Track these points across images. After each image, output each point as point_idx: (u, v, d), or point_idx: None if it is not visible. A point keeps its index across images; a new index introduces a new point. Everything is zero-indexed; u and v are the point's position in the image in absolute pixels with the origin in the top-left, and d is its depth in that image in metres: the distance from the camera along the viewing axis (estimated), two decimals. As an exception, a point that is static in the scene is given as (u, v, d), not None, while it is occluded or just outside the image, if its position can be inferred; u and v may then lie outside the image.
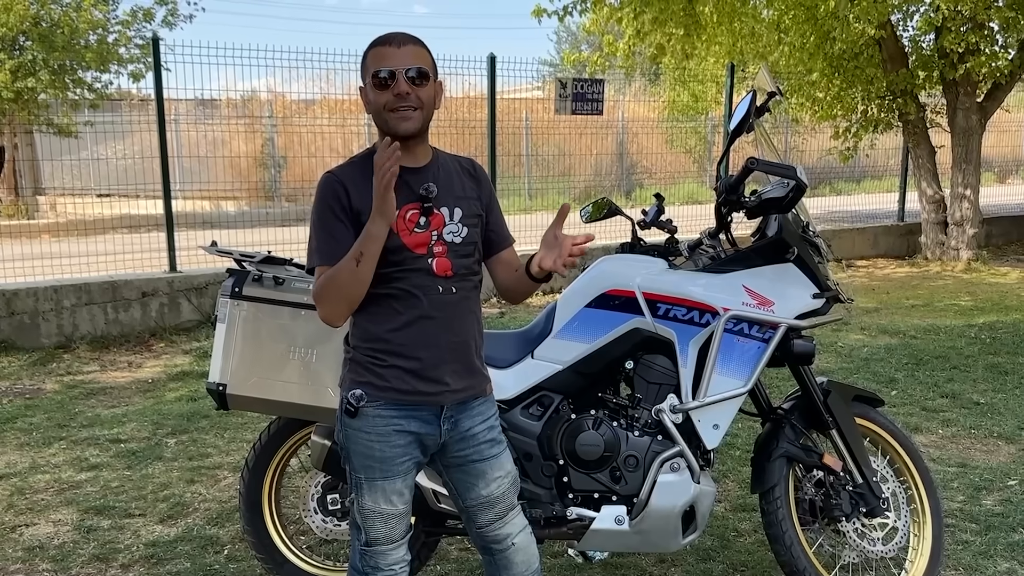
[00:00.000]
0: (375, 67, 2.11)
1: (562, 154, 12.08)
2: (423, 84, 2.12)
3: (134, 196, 10.56)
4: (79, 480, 4.32)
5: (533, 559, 2.41)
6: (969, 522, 3.74)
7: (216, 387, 2.88)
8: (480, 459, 2.31)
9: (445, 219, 2.20)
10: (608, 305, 2.92)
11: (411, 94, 2.10)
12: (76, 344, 6.84)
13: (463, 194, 2.25)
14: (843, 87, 10.79)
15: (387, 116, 2.12)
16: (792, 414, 3.08)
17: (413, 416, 2.21)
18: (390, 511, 2.24)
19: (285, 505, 3.50)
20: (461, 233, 2.21)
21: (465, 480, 2.33)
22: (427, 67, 2.13)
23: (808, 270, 2.96)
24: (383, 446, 2.20)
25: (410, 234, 2.15)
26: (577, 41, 35.57)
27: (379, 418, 2.19)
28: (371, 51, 2.14)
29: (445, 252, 2.18)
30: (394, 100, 2.10)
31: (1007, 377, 5.83)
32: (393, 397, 2.19)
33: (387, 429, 2.19)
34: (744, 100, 2.94)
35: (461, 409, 2.27)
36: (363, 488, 2.24)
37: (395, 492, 2.23)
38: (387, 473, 2.21)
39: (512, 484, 2.37)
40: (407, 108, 2.11)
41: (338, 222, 2.13)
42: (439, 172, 2.23)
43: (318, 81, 10.70)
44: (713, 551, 3.50)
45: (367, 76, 2.14)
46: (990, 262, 10.70)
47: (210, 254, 3.07)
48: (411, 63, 2.11)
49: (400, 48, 2.11)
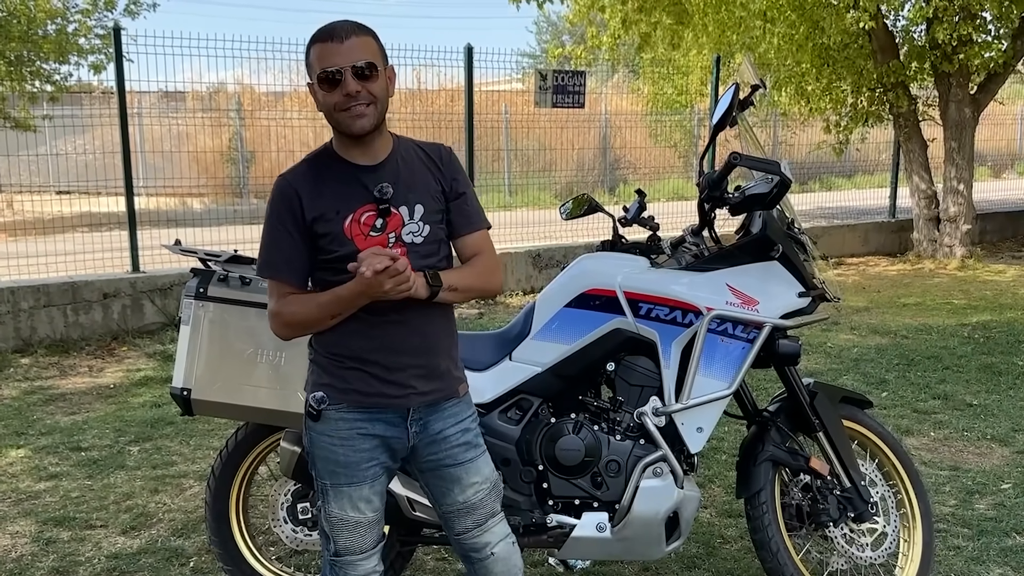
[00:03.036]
0: (320, 66, 2.01)
1: (543, 148, 11.98)
2: (373, 78, 2.03)
3: (95, 193, 10.31)
4: (38, 490, 4.20)
5: (515, 570, 2.34)
6: (961, 527, 3.70)
7: (180, 392, 2.82)
8: (454, 463, 2.23)
9: (404, 218, 2.11)
10: (588, 305, 2.87)
11: (361, 91, 2.01)
12: (34, 348, 6.65)
13: (424, 188, 2.15)
14: (833, 79, 10.73)
15: (339, 116, 2.04)
16: (778, 417, 3.05)
17: (378, 419, 2.15)
18: (358, 519, 2.17)
19: (253, 515, 3.47)
20: (422, 232, 2.13)
21: (440, 485, 2.26)
22: (375, 59, 2.04)
23: (793, 268, 2.93)
24: (347, 450, 2.14)
25: (365, 238, 2.07)
26: (558, 32, 35.48)
27: (342, 421, 2.14)
28: (313, 47, 2.04)
29: (405, 254, 2.07)
30: (344, 100, 2.01)
31: (1001, 378, 5.80)
32: (356, 400, 2.14)
33: (350, 432, 2.14)
34: (727, 93, 2.91)
35: (430, 411, 2.20)
36: (329, 495, 2.18)
37: (362, 499, 2.16)
38: (352, 479, 2.15)
39: (492, 490, 2.31)
40: (359, 105, 2.02)
41: (286, 234, 2.09)
42: (398, 166, 2.14)
43: (288, 73, 10.51)
44: (698, 558, 3.45)
45: (313, 75, 2.05)
46: (984, 259, 10.64)
47: (174, 253, 3.00)
48: (358, 57, 2.01)
49: (344, 43, 2.00)
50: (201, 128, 11.67)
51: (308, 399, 2.17)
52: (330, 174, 2.11)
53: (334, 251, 2.07)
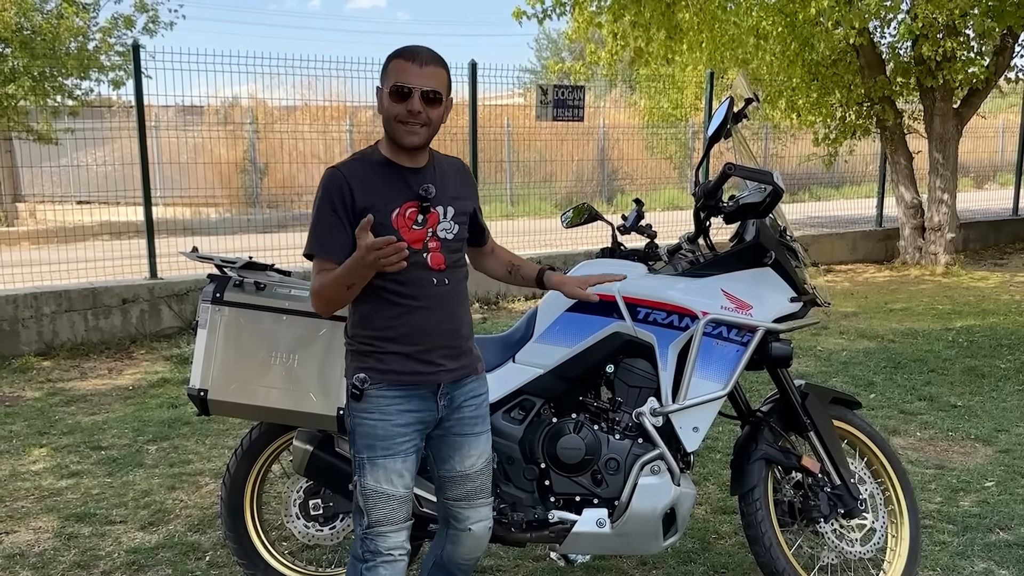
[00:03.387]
0: (395, 79, 2.26)
1: (544, 160, 12.12)
2: (436, 105, 2.29)
3: (114, 203, 10.49)
4: (60, 487, 4.30)
5: (479, 549, 2.59)
6: (946, 523, 3.78)
7: (197, 392, 2.87)
8: (460, 433, 2.48)
9: (440, 217, 2.38)
10: (588, 309, 2.94)
11: (422, 113, 2.26)
12: (56, 351, 6.79)
13: (456, 193, 2.43)
14: (822, 93, 10.89)
15: (395, 126, 2.28)
16: (771, 417, 3.12)
17: (413, 395, 2.38)
18: (391, 491, 2.38)
19: (267, 511, 3.50)
20: (453, 230, 2.40)
21: (442, 450, 2.50)
22: (443, 90, 2.30)
23: (785, 274, 3.00)
24: (385, 425, 2.36)
25: (408, 230, 2.32)
26: (558, 48, 35.66)
27: (382, 398, 2.36)
28: (394, 61, 2.29)
29: (439, 247, 2.36)
30: (406, 115, 2.26)
31: (984, 380, 5.90)
32: (393, 379, 2.36)
33: (390, 408, 2.36)
34: (722, 106, 2.98)
35: (456, 387, 2.45)
36: (365, 468, 2.39)
37: (395, 472, 2.37)
38: (388, 451, 2.36)
39: (486, 467, 2.53)
40: (416, 124, 2.27)
41: (337, 219, 2.28)
42: (435, 173, 2.40)
43: (300, 88, 10.67)
44: (694, 553, 3.53)
45: (386, 84, 2.29)
46: (968, 266, 10.84)
47: (191, 260, 3.07)
48: (429, 84, 2.26)
49: (423, 68, 2.26)
50: (216, 141, 11.83)
51: (351, 381, 2.38)
52: (379, 171, 2.35)
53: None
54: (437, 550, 2.64)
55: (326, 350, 2.84)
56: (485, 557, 3.47)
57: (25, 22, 11.92)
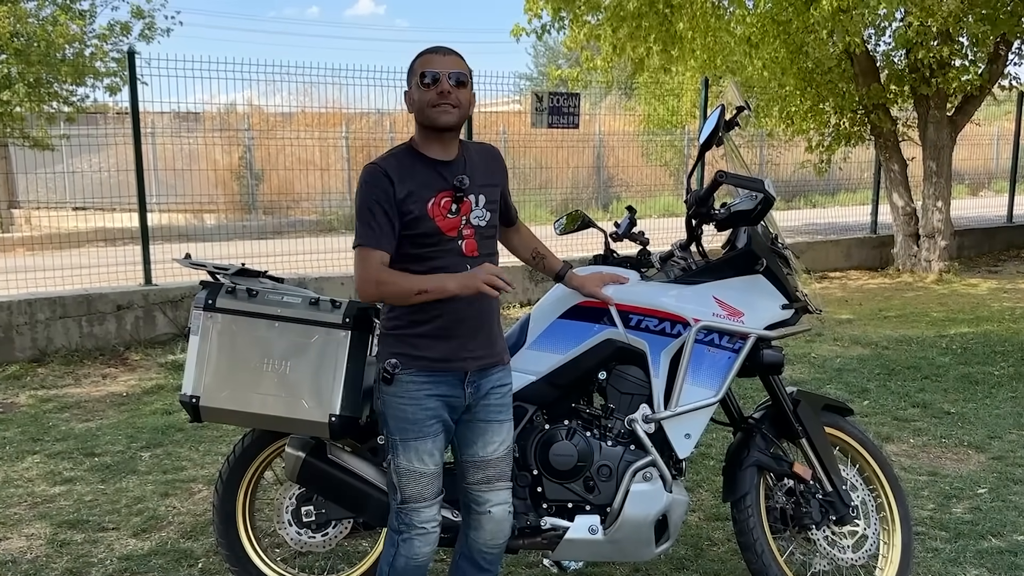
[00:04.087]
0: (422, 69, 2.44)
1: (540, 167, 12.15)
2: (463, 87, 2.45)
3: (110, 209, 10.50)
4: (52, 494, 4.30)
5: (502, 534, 2.67)
6: (939, 530, 3.79)
7: (189, 399, 2.86)
8: (485, 420, 2.60)
9: (472, 205, 2.51)
10: (581, 317, 2.96)
11: (452, 94, 2.42)
12: (50, 358, 6.78)
13: (487, 182, 2.58)
14: (816, 101, 10.95)
15: (429, 112, 2.43)
16: (763, 423, 3.12)
17: (441, 381, 2.50)
18: (422, 470, 2.52)
19: (260, 518, 3.50)
20: (485, 217, 2.54)
21: (467, 436, 2.61)
22: (466, 75, 2.47)
23: (777, 281, 3.00)
24: (415, 408, 2.49)
25: (444, 219, 2.46)
26: (555, 55, 35.80)
27: (412, 383, 2.49)
28: (420, 58, 2.48)
29: (473, 235, 2.50)
30: (437, 98, 2.41)
31: (977, 387, 5.92)
32: (424, 364, 2.49)
33: (419, 393, 2.49)
34: (713, 114, 2.99)
35: (483, 375, 2.57)
36: (398, 448, 2.53)
37: (426, 452, 2.51)
38: (419, 434, 2.50)
39: (507, 454, 2.65)
40: (448, 104, 2.42)
41: (381, 211, 2.41)
42: (466, 164, 2.53)
43: (297, 94, 10.69)
44: (687, 560, 3.53)
45: (413, 78, 2.46)
46: (961, 274, 10.88)
47: (184, 266, 3.05)
48: (454, 68, 2.44)
49: (445, 56, 2.46)
50: (212, 147, 11.84)
51: (383, 365, 2.51)
52: (414, 164, 2.49)
53: (417, 227, 2.43)
54: (462, 543, 2.72)
55: (319, 357, 2.84)
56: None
57: (21, 28, 11.91)
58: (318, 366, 2.84)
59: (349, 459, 3.01)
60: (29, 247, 9.65)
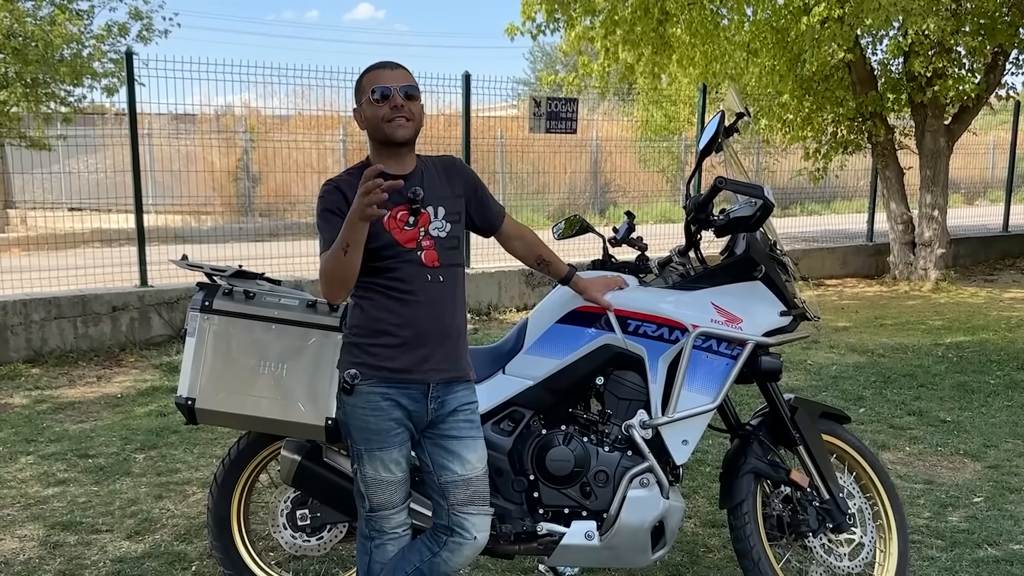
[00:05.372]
0: (372, 85, 2.44)
1: (537, 172, 12.16)
2: (414, 100, 2.47)
3: (106, 210, 10.48)
4: (46, 495, 4.28)
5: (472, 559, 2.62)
6: (935, 538, 3.79)
7: (185, 401, 2.85)
8: (456, 436, 2.53)
9: (431, 217, 2.51)
10: (579, 321, 2.95)
11: (404, 107, 2.43)
12: (45, 358, 6.76)
13: (445, 194, 2.56)
14: (813, 109, 10.97)
15: (384, 127, 2.44)
16: (760, 430, 3.12)
17: (403, 392, 2.47)
18: (389, 478, 2.50)
19: (254, 521, 3.50)
20: (445, 228, 2.52)
21: (442, 455, 2.54)
22: (415, 88, 2.49)
23: (776, 288, 3.00)
24: (377, 419, 2.46)
25: (400, 231, 2.46)
26: (552, 61, 35.87)
27: (372, 394, 2.46)
28: (367, 75, 2.49)
29: (432, 245, 2.48)
30: (390, 112, 2.43)
31: (973, 395, 5.92)
32: (384, 375, 2.46)
33: (381, 404, 2.46)
34: (713, 121, 2.99)
35: (446, 390, 2.53)
36: (363, 458, 2.50)
37: (392, 461, 2.49)
38: (383, 444, 2.48)
39: (484, 473, 2.58)
40: (401, 118, 2.43)
41: (339, 220, 2.38)
42: (423, 176, 2.53)
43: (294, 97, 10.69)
44: (683, 566, 3.52)
45: (364, 95, 2.47)
46: (958, 282, 10.90)
47: (180, 268, 3.04)
48: (403, 82, 2.46)
49: (393, 71, 2.48)
50: (209, 149, 11.84)
51: (343, 375, 2.49)
52: None
53: (375, 241, 2.41)
54: (422, 556, 2.56)
55: (315, 360, 2.83)
56: (473, 568, 3.46)
57: (18, 28, 11.89)
58: (315, 369, 2.83)
59: (345, 463, 2.99)
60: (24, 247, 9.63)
